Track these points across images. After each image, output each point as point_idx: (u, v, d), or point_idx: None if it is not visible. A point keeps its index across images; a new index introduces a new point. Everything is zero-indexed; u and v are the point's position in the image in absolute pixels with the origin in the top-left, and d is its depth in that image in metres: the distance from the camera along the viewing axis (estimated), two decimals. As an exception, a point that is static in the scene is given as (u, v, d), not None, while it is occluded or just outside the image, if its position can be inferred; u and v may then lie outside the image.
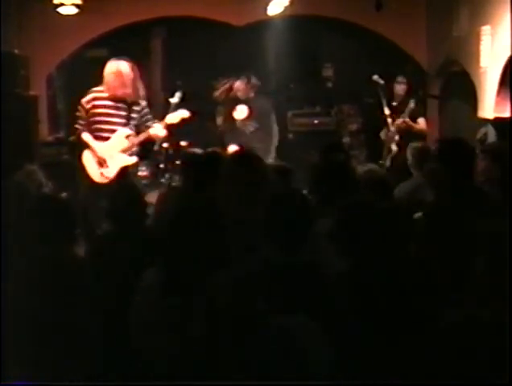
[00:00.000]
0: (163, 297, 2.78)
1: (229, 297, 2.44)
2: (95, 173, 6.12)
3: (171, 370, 2.67)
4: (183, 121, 6.46)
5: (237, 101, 7.66)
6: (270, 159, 7.02)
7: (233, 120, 7.67)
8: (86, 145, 6.13)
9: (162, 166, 7.91)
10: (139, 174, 9.45)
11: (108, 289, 3.37)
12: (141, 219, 3.92)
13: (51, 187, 5.27)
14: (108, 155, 6.09)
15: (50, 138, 8.76)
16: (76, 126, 6.23)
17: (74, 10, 8.10)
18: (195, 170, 4.76)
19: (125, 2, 8.95)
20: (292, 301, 2.78)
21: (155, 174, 8.33)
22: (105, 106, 6.13)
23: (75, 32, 8.72)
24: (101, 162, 6.10)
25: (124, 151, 6.15)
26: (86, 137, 6.13)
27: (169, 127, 6.36)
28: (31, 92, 8.03)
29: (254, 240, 3.24)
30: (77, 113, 6.28)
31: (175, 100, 6.63)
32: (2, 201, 3.79)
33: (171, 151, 8.00)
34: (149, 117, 6.30)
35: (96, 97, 6.15)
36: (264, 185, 3.76)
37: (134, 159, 6.25)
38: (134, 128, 6.20)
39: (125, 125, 6.15)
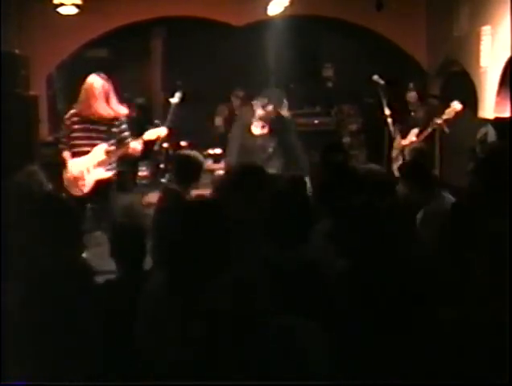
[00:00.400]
0: (169, 297, 2.77)
1: (233, 297, 2.44)
2: (73, 187, 6.09)
3: (176, 370, 2.67)
4: (159, 138, 6.39)
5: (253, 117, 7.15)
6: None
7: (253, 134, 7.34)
8: (64, 163, 6.12)
9: (162, 166, 7.91)
10: (139, 174, 9.48)
11: (109, 288, 3.37)
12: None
13: (52, 187, 5.27)
14: (85, 169, 6.07)
15: (50, 138, 8.77)
16: (60, 145, 6.20)
17: (74, 10, 8.10)
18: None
19: (126, 2, 8.95)
20: (293, 300, 2.78)
21: (155, 174, 8.34)
22: (83, 121, 6.10)
23: (75, 32, 8.73)
24: (77, 178, 6.06)
25: (100, 165, 6.11)
26: (65, 154, 6.11)
27: (147, 143, 6.30)
28: (31, 92, 8.03)
29: (255, 239, 3.24)
30: (61, 132, 6.22)
31: (175, 100, 6.62)
32: (2, 201, 3.79)
33: (171, 151, 8.01)
34: (127, 134, 6.21)
35: (75, 113, 6.11)
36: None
37: (109, 174, 6.17)
38: (115, 143, 6.15)
39: (105, 140, 6.12)
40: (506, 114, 7.06)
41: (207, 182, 5.88)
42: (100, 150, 6.09)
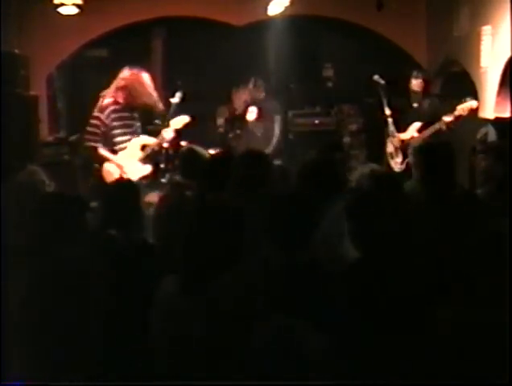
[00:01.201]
0: (180, 297, 2.76)
1: (240, 297, 2.44)
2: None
3: (181, 370, 2.67)
4: (186, 125, 6.51)
5: (248, 103, 8.00)
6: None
7: (245, 122, 7.96)
8: (105, 159, 6.09)
9: (162, 166, 7.91)
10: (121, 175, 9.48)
11: (113, 289, 3.36)
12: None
13: (53, 187, 5.26)
14: (124, 165, 6.11)
15: (50, 138, 8.76)
16: (91, 143, 6.14)
17: (74, 10, 8.10)
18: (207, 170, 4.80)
19: (126, 2, 8.95)
20: (295, 301, 2.77)
21: (155, 174, 8.33)
22: (121, 118, 6.11)
23: (75, 32, 8.72)
24: (121, 173, 6.09)
25: (141, 160, 6.19)
26: (104, 152, 6.09)
27: (177, 131, 6.43)
28: (31, 92, 8.02)
29: (258, 239, 3.23)
30: (91, 128, 6.17)
31: (175, 100, 6.63)
32: (2, 201, 3.79)
33: (171, 151, 8.00)
34: (138, 124, 6.29)
35: (114, 109, 6.10)
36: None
37: (148, 168, 6.27)
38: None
39: (135, 134, 6.19)
40: (506, 114, 7.06)
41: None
42: (135, 145, 6.13)
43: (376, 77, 7.79)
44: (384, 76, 7.82)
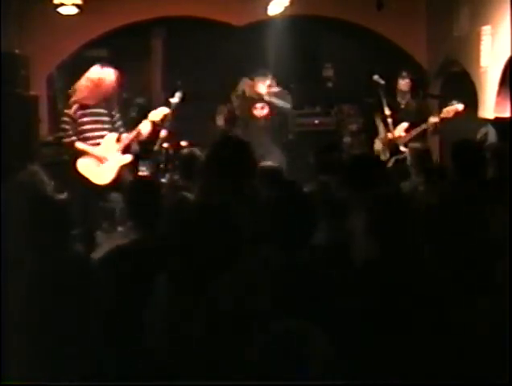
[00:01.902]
0: (175, 297, 2.76)
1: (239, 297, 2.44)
2: (94, 176, 6.11)
3: (180, 370, 2.67)
4: (165, 117, 6.49)
5: (256, 99, 7.73)
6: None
7: (254, 117, 7.72)
8: (82, 153, 6.11)
9: (162, 166, 7.91)
10: (139, 174, 9.48)
11: (109, 290, 3.36)
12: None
13: (52, 187, 5.27)
14: (103, 158, 6.12)
15: (50, 138, 8.76)
16: (66, 140, 6.17)
17: (74, 10, 8.10)
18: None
19: (125, 2, 8.95)
20: (297, 301, 2.77)
21: (155, 174, 8.33)
22: (91, 113, 6.14)
23: (75, 32, 8.73)
24: (98, 165, 6.11)
25: (120, 150, 6.21)
26: (81, 145, 6.11)
27: (154, 124, 6.40)
28: (31, 92, 8.03)
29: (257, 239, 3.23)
30: (64, 125, 6.19)
31: (175, 100, 6.63)
32: (2, 201, 3.79)
33: (171, 151, 8.00)
34: (121, 122, 6.32)
35: (80, 106, 6.13)
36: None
37: (129, 157, 6.28)
38: (121, 130, 6.27)
39: (110, 130, 6.19)
40: (506, 114, 7.06)
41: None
42: (111, 139, 6.15)
43: (376, 77, 7.80)
44: (384, 76, 7.83)
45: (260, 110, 7.97)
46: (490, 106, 7.27)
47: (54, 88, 9.38)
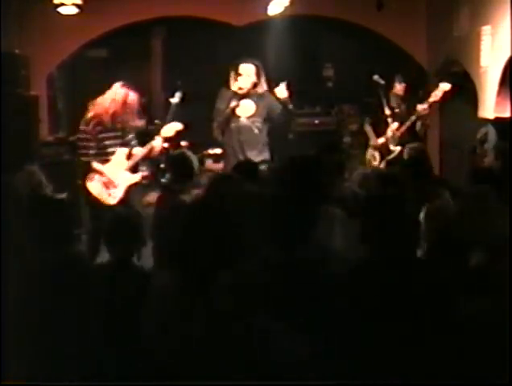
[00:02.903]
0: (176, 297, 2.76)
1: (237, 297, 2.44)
2: (103, 196, 6.09)
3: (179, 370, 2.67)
4: (178, 133, 6.46)
5: (240, 96, 6.77)
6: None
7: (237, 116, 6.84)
8: (97, 173, 6.09)
9: (162, 165, 7.91)
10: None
11: (107, 289, 3.36)
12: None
13: (51, 188, 5.27)
14: (113, 176, 6.09)
15: (50, 138, 8.76)
16: (84, 158, 6.10)
17: (74, 10, 8.09)
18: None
19: (126, 1, 8.95)
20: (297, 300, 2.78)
21: (156, 174, 8.34)
22: (109, 130, 6.12)
23: (75, 32, 8.72)
24: (108, 185, 6.08)
25: (128, 169, 6.17)
26: (97, 166, 6.08)
27: (167, 140, 6.40)
28: (32, 92, 8.03)
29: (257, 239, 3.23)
30: (81, 143, 6.14)
31: (175, 100, 6.62)
32: (2, 201, 3.79)
33: (171, 151, 8.01)
34: (134, 142, 6.31)
35: (99, 122, 6.10)
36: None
37: (137, 176, 6.25)
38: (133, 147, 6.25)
39: (129, 145, 6.21)
40: (506, 114, 7.06)
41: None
42: (121, 155, 6.13)
43: (375, 77, 7.80)
44: (384, 76, 7.84)
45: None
46: (490, 106, 7.26)
47: (54, 88, 9.39)
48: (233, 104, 6.69)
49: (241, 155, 6.60)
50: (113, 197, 6.07)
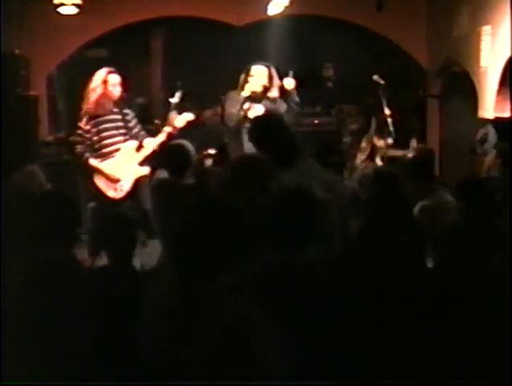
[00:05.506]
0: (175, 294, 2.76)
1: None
2: (109, 190, 6.07)
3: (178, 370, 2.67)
4: (189, 123, 6.41)
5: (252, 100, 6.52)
6: None
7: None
8: (95, 170, 6.08)
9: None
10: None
11: (110, 288, 3.36)
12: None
13: (51, 187, 5.26)
14: (120, 172, 6.05)
15: (50, 138, 8.76)
16: (80, 152, 6.11)
17: (74, 10, 8.10)
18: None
19: (125, 2, 8.95)
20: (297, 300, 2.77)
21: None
22: (104, 121, 6.09)
23: (75, 32, 8.72)
24: (113, 180, 6.06)
25: (143, 162, 6.13)
26: (94, 162, 6.07)
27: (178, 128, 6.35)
28: (32, 92, 8.03)
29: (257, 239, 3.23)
30: (77, 138, 6.16)
31: (175, 100, 6.62)
32: (2, 201, 3.79)
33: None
34: (135, 121, 6.26)
35: (91, 116, 6.08)
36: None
37: (146, 169, 6.20)
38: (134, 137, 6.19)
39: (125, 135, 6.14)
40: (506, 114, 7.06)
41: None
42: (129, 148, 6.09)
43: (376, 77, 7.80)
44: (384, 76, 7.84)
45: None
46: (490, 106, 7.27)
47: (54, 88, 9.39)
48: (245, 106, 6.40)
49: None
50: (119, 191, 6.05)
